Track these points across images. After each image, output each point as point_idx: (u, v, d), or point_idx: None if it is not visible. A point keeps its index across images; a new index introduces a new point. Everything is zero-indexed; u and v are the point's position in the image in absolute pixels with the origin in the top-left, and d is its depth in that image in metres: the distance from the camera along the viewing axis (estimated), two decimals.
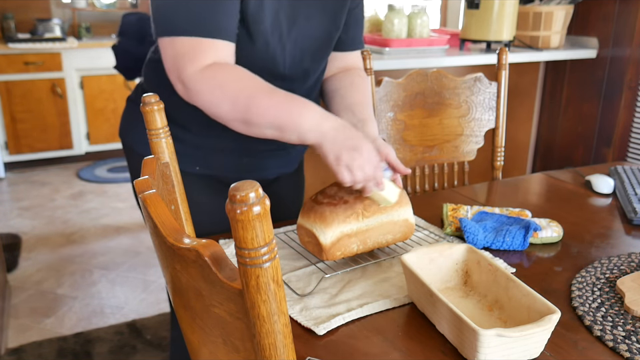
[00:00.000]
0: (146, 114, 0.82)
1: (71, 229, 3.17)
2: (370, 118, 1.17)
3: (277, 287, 0.47)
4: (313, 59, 1.18)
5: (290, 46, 1.11)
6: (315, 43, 1.16)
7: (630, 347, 0.77)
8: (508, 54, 1.64)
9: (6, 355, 2.05)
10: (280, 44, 1.09)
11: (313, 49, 1.16)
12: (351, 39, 1.29)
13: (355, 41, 1.30)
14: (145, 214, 0.63)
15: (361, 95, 1.23)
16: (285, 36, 1.09)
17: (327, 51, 1.21)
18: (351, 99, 1.22)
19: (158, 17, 0.99)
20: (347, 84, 1.26)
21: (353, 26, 1.27)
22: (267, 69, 1.10)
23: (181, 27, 0.96)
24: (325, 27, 1.16)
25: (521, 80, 2.77)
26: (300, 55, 1.14)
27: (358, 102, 1.21)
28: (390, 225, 0.99)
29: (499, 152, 1.69)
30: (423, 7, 2.31)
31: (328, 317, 0.83)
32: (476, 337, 0.69)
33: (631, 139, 2.43)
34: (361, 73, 1.31)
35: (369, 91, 1.29)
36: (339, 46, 1.29)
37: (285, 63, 1.12)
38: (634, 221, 1.20)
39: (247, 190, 0.44)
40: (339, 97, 1.24)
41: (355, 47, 1.31)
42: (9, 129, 4.00)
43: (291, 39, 1.11)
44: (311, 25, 1.13)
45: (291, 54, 1.12)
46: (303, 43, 1.13)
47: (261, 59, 1.09)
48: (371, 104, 1.23)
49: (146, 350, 2.08)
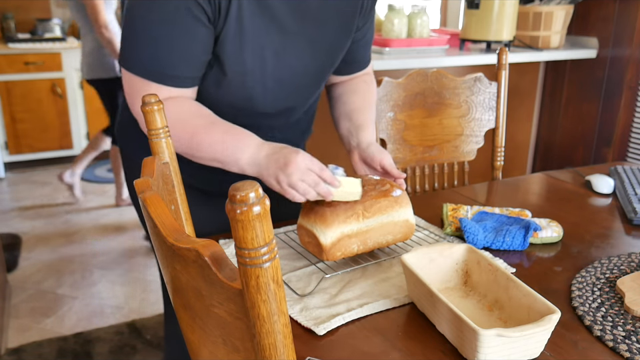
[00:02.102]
0: (146, 114, 0.82)
1: (71, 229, 3.17)
2: (366, 123, 1.16)
3: (276, 287, 0.47)
4: (299, 96, 1.14)
5: (272, 84, 1.07)
6: (303, 80, 1.12)
7: (630, 347, 0.77)
8: (508, 54, 1.64)
9: (6, 354, 2.05)
10: (260, 83, 1.06)
11: (299, 86, 1.12)
12: (357, 62, 1.26)
13: (362, 64, 1.27)
14: (145, 214, 0.63)
15: (360, 100, 1.21)
16: (267, 74, 1.05)
17: (317, 87, 1.17)
18: (351, 105, 1.21)
19: (121, 46, 1.00)
20: (349, 90, 1.24)
21: (360, 51, 1.23)
22: (244, 106, 1.08)
23: (135, 66, 0.98)
24: (318, 64, 1.12)
25: (521, 80, 2.76)
26: (284, 93, 1.10)
27: (357, 107, 1.20)
28: (390, 226, 0.99)
29: (499, 152, 1.69)
30: (423, 7, 2.31)
31: (328, 316, 0.83)
32: (476, 336, 0.69)
33: (630, 139, 2.43)
34: (367, 78, 1.28)
35: (372, 94, 1.27)
36: (345, 71, 1.25)
37: (265, 101, 1.09)
38: (634, 221, 1.20)
39: (246, 190, 0.44)
40: (341, 103, 1.24)
41: (361, 69, 1.28)
42: (9, 129, 4.00)
43: (274, 77, 1.07)
44: (300, 62, 1.08)
45: (272, 92, 1.08)
46: (287, 81, 1.09)
47: (238, 97, 1.06)
48: (370, 108, 1.22)
49: (146, 350, 2.08)
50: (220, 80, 1.03)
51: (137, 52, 0.97)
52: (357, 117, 1.18)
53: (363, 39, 1.21)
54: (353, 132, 1.17)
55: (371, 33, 1.24)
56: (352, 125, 1.17)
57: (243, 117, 1.09)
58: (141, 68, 0.97)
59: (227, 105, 1.07)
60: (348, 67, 1.25)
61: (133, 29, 0.97)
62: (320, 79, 1.16)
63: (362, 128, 1.16)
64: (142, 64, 0.97)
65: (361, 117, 1.18)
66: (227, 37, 0.98)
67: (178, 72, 0.97)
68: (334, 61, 1.15)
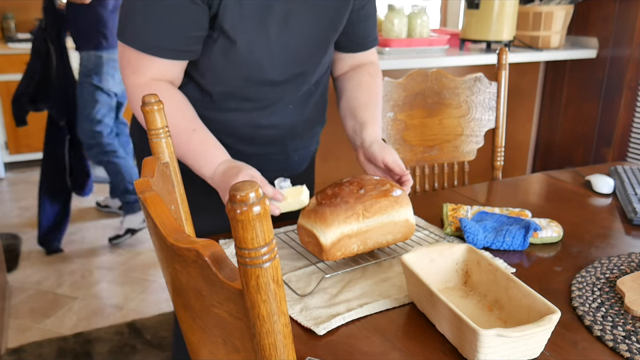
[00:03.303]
0: (146, 114, 0.82)
1: (71, 228, 3.17)
2: (370, 120, 1.16)
3: (277, 287, 0.47)
4: (307, 62, 1.15)
5: (278, 51, 1.08)
6: (308, 46, 1.12)
7: (630, 347, 0.77)
8: (508, 54, 1.64)
9: (6, 354, 2.05)
10: (267, 50, 1.07)
11: (306, 52, 1.13)
12: (361, 39, 1.25)
13: (366, 41, 1.26)
14: (145, 214, 0.63)
15: (365, 96, 1.21)
16: (272, 41, 1.06)
17: (323, 52, 1.18)
18: (355, 101, 1.21)
19: (120, 18, 1.03)
20: (353, 85, 1.23)
21: (362, 25, 1.22)
22: (253, 75, 1.09)
23: (129, 37, 1.01)
24: (322, 28, 1.13)
25: (521, 80, 2.76)
26: (291, 59, 1.11)
27: (361, 104, 1.19)
28: (390, 225, 0.99)
29: (499, 152, 1.69)
30: (423, 7, 2.31)
31: (328, 316, 0.83)
32: (476, 336, 0.69)
33: (630, 139, 2.43)
34: (371, 69, 1.27)
35: (377, 87, 1.25)
36: (349, 47, 1.25)
37: (272, 68, 1.09)
38: (634, 221, 1.20)
39: (246, 190, 0.44)
40: (345, 99, 1.23)
41: (365, 47, 1.27)
42: (9, 129, 3.99)
43: (280, 43, 1.07)
44: (304, 27, 1.09)
45: (280, 59, 1.09)
46: (294, 47, 1.10)
47: (246, 66, 1.07)
48: (376, 103, 1.21)
49: (146, 350, 2.08)
50: (227, 50, 1.05)
51: (131, 23, 1.01)
52: (361, 115, 1.17)
53: (363, 9, 1.20)
54: (357, 130, 1.17)
55: (372, 6, 1.23)
56: (356, 123, 1.17)
57: (253, 86, 1.10)
58: (134, 39, 1.01)
59: (236, 75, 1.08)
60: (351, 43, 1.24)
61: (129, 2, 1.01)
62: (325, 43, 1.16)
63: (365, 125, 1.15)
64: (135, 35, 1.00)
65: (365, 114, 1.17)
66: (227, 7, 1.00)
67: (170, 43, 1.01)
68: (337, 25, 1.15)
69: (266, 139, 1.18)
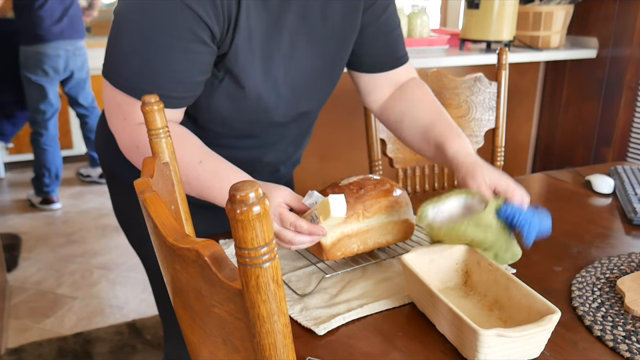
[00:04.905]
0: (146, 114, 0.82)
1: (71, 229, 3.17)
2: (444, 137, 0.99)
3: (276, 287, 0.47)
4: (312, 100, 1.08)
5: (285, 90, 1.00)
6: (314, 82, 1.05)
7: (630, 347, 0.77)
8: (508, 54, 1.64)
9: (6, 354, 2.05)
10: (274, 92, 0.99)
11: (312, 88, 1.06)
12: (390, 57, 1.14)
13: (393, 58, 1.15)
14: (145, 214, 0.63)
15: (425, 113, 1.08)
16: (280, 83, 0.99)
17: (329, 88, 1.10)
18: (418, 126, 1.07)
19: (106, 56, 0.92)
20: (407, 106, 1.10)
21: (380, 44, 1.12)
22: (259, 119, 1.03)
23: (122, 82, 0.89)
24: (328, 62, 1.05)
25: (521, 80, 2.77)
26: (296, 98, 1.04)
27: (426, 125, 1.06)
28: (390, 225, 0.99)
29: (499, 152, 1.69)
30: (423, 7, 2.31)
31: (328, 316, 0.83)
32: (476, 336, 0.69)
33: (630, 139, 2.43)
34: (412, 84, 1.15)
35: (428, 95, 1.12)
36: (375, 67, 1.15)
37: (278, 110, 1.02)
38: (634, 221, 1.20)
39: (246, 190, 0.44)
40: (407, 130, 1.10)
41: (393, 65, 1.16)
42: None
43: (286, 81, 1.00)
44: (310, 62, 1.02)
45: (286, 99, 1.02)
46: (300, 84, 1.03)
47: (252, 110, 1.00)
48: (439, 116, 1.07)
49: (146, 350, 2.08)
50: (234, 94, 0.96)
51: (122, 65, 0.89)
52: (434, 136, 1.03)
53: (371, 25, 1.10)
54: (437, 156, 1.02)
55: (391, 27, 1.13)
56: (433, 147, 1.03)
57: (257, 128, 1.05)
58: (126, 84, 0.89)
59: (242, 118, 1.01)
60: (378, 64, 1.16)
61: (123, 40, 0.88)
62: (332, 78, 1.10)
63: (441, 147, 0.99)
64: (127, 80, 0.89)
65: (435, 131, 1.02)
66: (239, 48, 0.91)
67: (169, 92, 0.90)
68: (342, 58, 1.09)
69: (261, 167, 1.15)
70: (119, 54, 0.89)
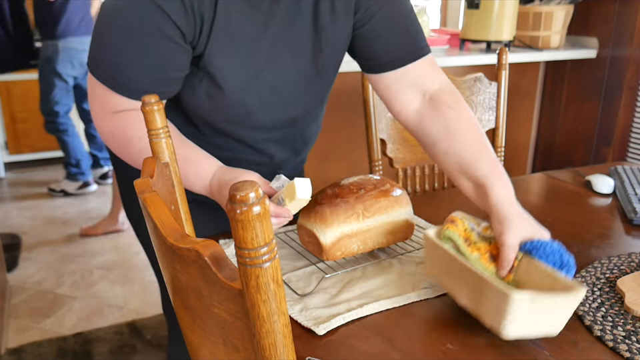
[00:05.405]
0: (146, 114, 0.82)
1: (71, 229, 3.17)
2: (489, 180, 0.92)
3: (276, 287, 0.47)
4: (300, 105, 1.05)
5: (269, 95, 0.99)
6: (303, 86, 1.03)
7: (630, 347, 0.77)
8: (508, 54, 1.64)
9: (6, 354, 2.05)
10: (257, 96, 0.98)
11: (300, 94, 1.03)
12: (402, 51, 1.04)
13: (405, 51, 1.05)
14: (145, 214, 0.63)
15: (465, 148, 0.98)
16: (262, 82, 0.98)
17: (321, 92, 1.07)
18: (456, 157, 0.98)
19: (92, 46, 0.94)
20: (440, 132, 1.01)
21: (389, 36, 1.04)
22: (241, 121, 1.02)
23: (101, 72, 0.92)
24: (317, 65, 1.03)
25: (521, 80, 2.77)
26: (283, 104, 1.02)
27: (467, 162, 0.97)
28: (390, 225, 0.99)
29: (499, 152, 1.69)
30: (423, 7, 2.31)
31: (328, 316, 0.83)
32: (506, 300, 0.70)
33: (630, 139, 2.43)
34: (449, 100, 1.03)
35: (468, 120, 1.00)
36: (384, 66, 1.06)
37: (263, 115, 1.02)
38: (634, 221, 1.20)
39: (246, 190, 0.44)
40: (442, 155, 1.01)
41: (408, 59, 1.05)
42: (9, 129, 4.00)
43: (273, 87, 0.99)
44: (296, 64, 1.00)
45: (272, 105, 1.00)
46: (287, 90, 1.01)
47: (234, 113, 1.00)
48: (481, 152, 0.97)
49: (146, 350, 2.08)
50: (214, 94, 0.97)
51: (103, 58, 0.92)
52: (473, 171, 0.95)
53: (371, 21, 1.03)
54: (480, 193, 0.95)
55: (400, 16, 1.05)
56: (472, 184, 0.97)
57: (242, 130, 1.04)
58: (105, 76, 0.92)
59: (221, 118, 1.01)
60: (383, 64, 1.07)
61: (103, 33, 0.92)
62: (323, 82, 1.07)
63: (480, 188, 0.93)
64: (106, 72, 0.92)
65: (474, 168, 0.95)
66: (215, 50, 0.92)
67: (139, 86, 0.92)
68: (336, 60, 1.06)
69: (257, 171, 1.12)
70: (99, 45, 0.93)
